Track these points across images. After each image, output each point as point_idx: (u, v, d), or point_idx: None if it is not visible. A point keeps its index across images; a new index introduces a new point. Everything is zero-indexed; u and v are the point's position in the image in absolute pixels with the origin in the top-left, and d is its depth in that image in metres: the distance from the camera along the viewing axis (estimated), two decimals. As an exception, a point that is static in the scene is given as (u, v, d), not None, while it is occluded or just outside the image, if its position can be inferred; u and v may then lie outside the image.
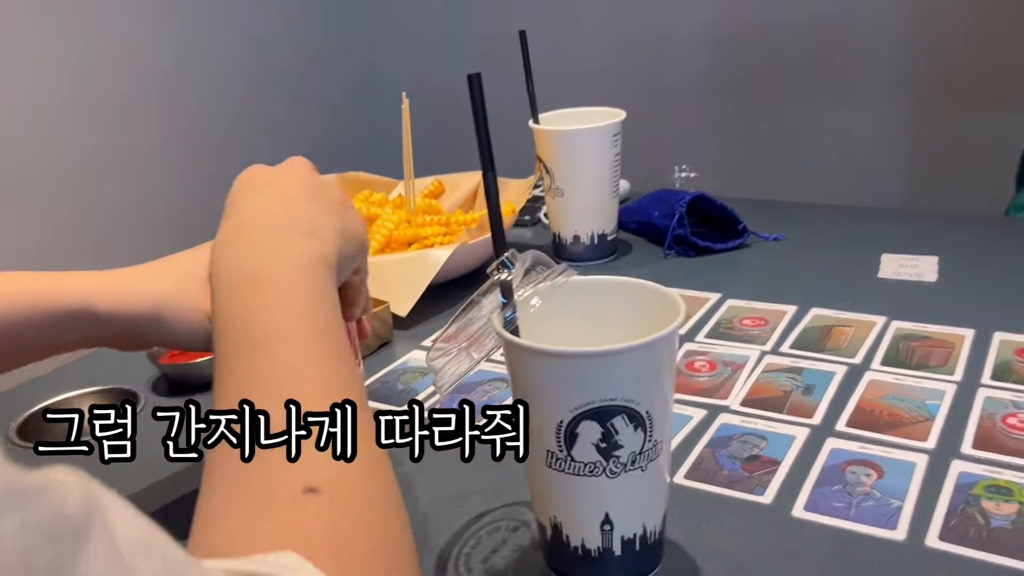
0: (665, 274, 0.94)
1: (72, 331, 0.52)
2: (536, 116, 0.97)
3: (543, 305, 0.50)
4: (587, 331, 0.52)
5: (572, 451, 0.46)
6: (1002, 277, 0.86)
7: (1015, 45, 1.96)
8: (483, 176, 0.48)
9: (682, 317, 0.46)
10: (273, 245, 0.46)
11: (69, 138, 2.21)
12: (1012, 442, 0.60)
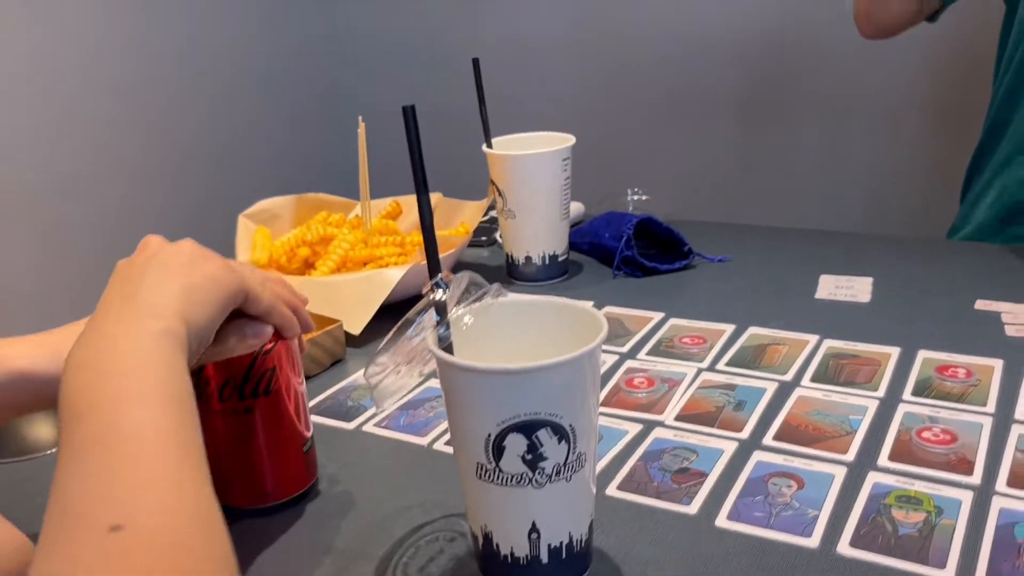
0: (613, 294, 0.97)
1: (15, 397, 0.54)
2: (489, 140, 1.00)
3: (477, 323, 0.53)
4: (519, 348, 0.55)
5: (500, 463, 0.49)
6: (932, 298, 0.90)
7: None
8: (418, 200, 0.51)
9: (603, 335, 0.49)
10: (115, 333, 0.46)
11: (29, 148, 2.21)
12: (926, 454, 0.64)
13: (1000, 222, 1.13)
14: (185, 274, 0.50)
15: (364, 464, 0.69)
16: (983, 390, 0.72)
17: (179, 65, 2.51)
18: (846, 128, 2.30)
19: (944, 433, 0.66)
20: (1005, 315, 0.85)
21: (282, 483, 0.62)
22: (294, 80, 2.87)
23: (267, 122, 2.78)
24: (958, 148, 1.28)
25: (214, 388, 0.57)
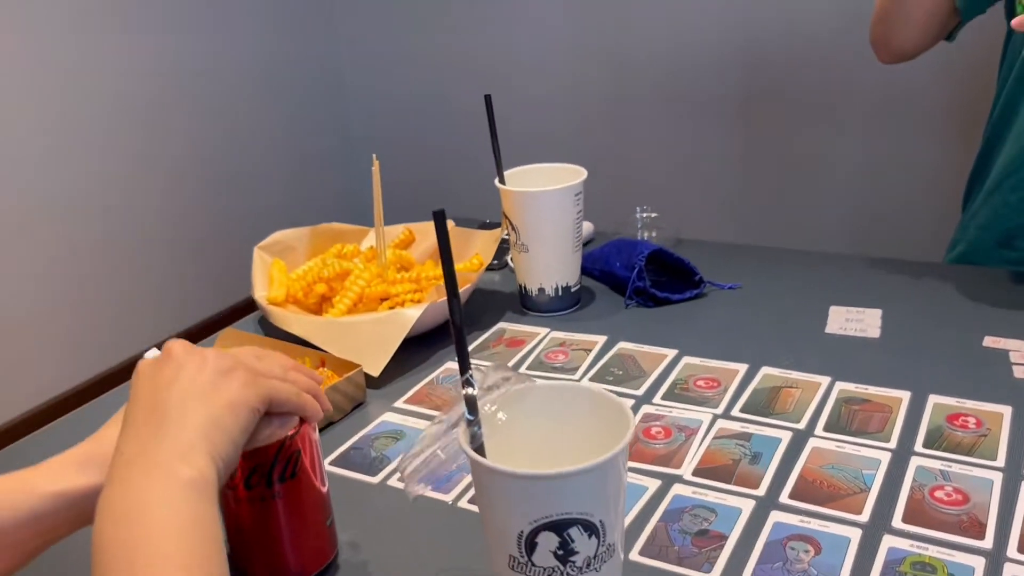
0: (625, 326, 0.98)
1: (55, 522, 0.55)
2: (502, 175, 1.01)
3: (509, 414, 0.55)
4: (546, 433, 0.56)
5: (532, 557, 0.51)
6: (941, 333, 0.91)
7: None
8: (449, 304, 0.52)
9: (631, 432, 0.51)
10: (145, 482, 0.48)
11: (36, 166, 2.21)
12: (939, 515, 0.65)
13: (995, 244, 1.13)
14: (210, 400, 0.52)
15: (388, 524, 0.70)
16: (993, 441, 0.73)
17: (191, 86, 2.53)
18: (854, 135, 2.32)
19: (956, 492, 0.68)
20: (1013, 354, 0.86)
21: (306, 561, 0.63)
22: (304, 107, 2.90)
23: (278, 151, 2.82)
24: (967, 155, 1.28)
25: (240, 478, 0.59)
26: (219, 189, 2.65)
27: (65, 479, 0.55)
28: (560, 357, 0.93)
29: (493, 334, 1.00)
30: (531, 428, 0.56)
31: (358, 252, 1.07)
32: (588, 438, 0.55)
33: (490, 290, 1.11)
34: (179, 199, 2.54)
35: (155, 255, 2.49)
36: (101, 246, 2.34)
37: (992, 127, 1.18)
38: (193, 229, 2.59)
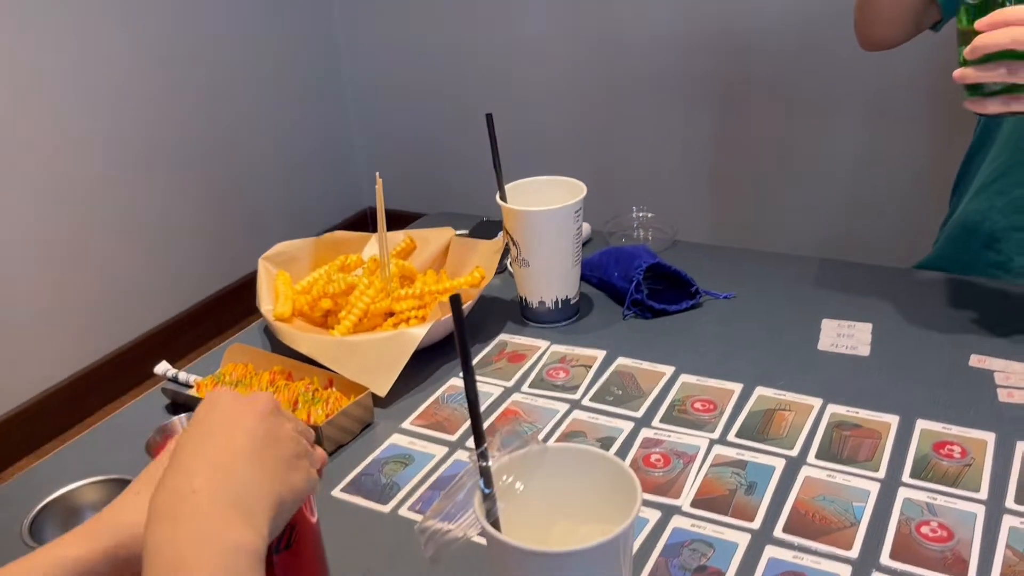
0: (623, 340, 1.01)
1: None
2: (503, 191, 1.02)
3: (518, 471, 0.58)
4: (557, 495, 0.59)
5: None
6: (929, 350, 0.95)
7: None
8: (464, 379, 0.55)
9: (638, 507, 0.54)
10: (200, 528, 0.49)
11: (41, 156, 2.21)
12: (925, 552, 0.69)
13: (979, 246, 1.16)
14: (285, 477, 0.54)
15: (400, 555, 0.74)
16: (976, 471, 0.77)
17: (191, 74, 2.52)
18: (852, 132, 2.33)
19: (941, 528, 0.71)
20: (998, 375, 0.89)
21: None
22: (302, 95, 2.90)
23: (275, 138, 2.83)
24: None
25: None
26: (218, 175, 2.66)
27: (74, 546, 0.56)
28: (561, 375, 0.96)
29: (495, 347, 1.03)
30: (545, 489, 0.59)
31: (361, 263, 1.09)
32: (599, 497, 0.58)
33: (491, 297, 1.13)
34: (179, 186, 2.54)
35: (154, 241, 2.50)
36: (101, 231, 2.35)
37: (981, 129, 1.20)
38: (192, 215, 2.59)
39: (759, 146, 2.45)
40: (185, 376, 0.98)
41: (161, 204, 2.48)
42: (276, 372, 0.95)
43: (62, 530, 0.83)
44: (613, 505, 0.55)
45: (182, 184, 2.53)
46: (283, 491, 0.53)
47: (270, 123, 2.78)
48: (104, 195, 2.34)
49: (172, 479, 0.52)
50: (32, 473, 0.90)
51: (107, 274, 2.36)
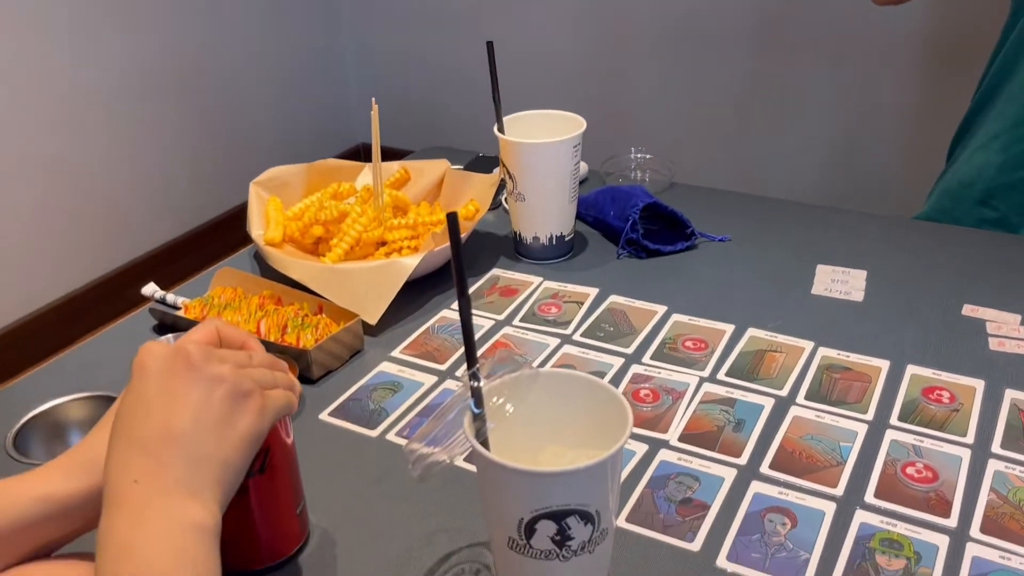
0: (617, 278, 1.00)
1: (45, 527, 0.55)
2: (501, 124, 1.01)
3: (510, 395, 0.57)
4: (548, 418, 0.59)
5: (530, 541, 0.54)
6: (922, 298, 0.94)
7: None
8: (459, 302, 0.54)
9: (628, 432, 0.53)
10: (146, 515, 0.49)
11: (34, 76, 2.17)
12: (909, 491, 0.70)
13: (975, 202, 1.15)
14: (226, 437, 0.53)
15: (387, 479, 0.74)
16: (964, 416, 0.77)
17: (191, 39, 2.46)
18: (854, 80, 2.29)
19: (926, 469, 0.71)
20: (990, 324, 0.89)
21: (275, 549, 0.64)
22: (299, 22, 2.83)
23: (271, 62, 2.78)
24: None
25: None
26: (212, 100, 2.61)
27: (51, 484, 0.55)
28: (553, 310, 0.95)
29: (487, 281, 1.02)
30: (535, 413, 0.58)
31: (354, 191, 1.07)
32: (589, 423, 0.57)
33: (484, 232, 1.12)
34: (174, 110, 2.51)
35: (149, 163, 2.47)
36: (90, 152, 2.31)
37: (987, 85, 1.19)
38: (186, 144, 2.56)
39: (761, 92, 2.42)
40: (173, 298, 0.97)
41: (153, 129, 2.45)
42: (265, 297, 0.94)
43: (45, 444, 0.83)
44: (603, 432, 0.55)
45: (175, 112, 2.50)
46: (228, 451, 0.53)
47: (266, 54, 2.74)
48: (95, 117, 2.30)
49: (112, 471, 0.51)
50: (17, 388, 0.89)
51: (95, 197, 2.34)
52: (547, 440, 0.60)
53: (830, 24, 2.27)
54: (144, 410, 0.53)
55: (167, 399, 0.52)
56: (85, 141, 2.29)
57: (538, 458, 0.59)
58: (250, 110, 2.72)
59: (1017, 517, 0.67)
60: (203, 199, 2.61)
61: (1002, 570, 0.62)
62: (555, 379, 0.60)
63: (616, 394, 0.57)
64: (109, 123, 2.34)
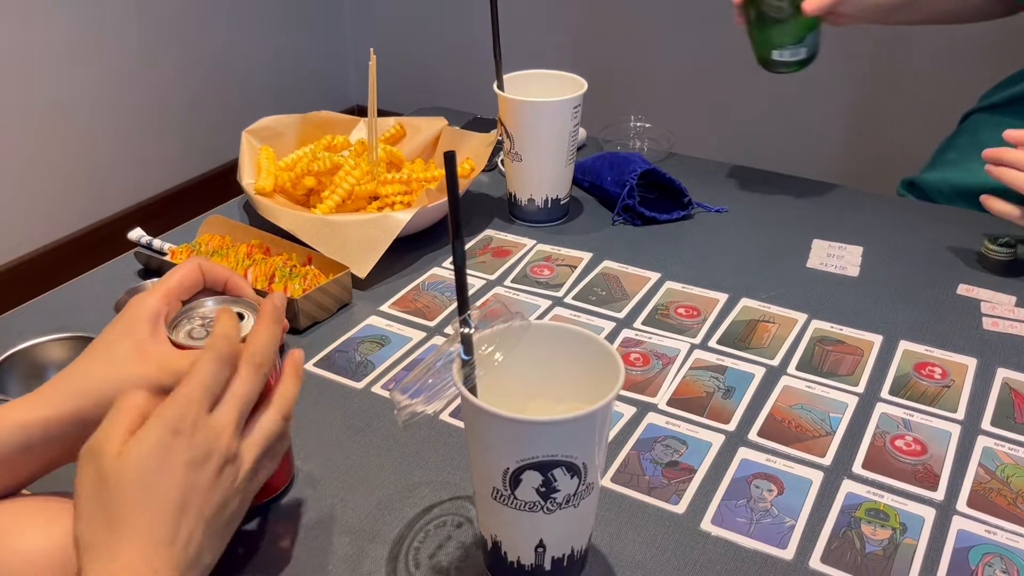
0: (611, 244, 0.99)
1: (25, 456, 0.54)
2: (501, 80, 0.99)
3: (500, 347, 0.56)
4: (539, 371, 0.58)
5: (515, 492, 0.53)
6: (918, 276, 0.93)
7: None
8: (452, 248, 0.53)
9: (619, 386, 0.52)
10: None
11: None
12: (897, 464, 0.69)
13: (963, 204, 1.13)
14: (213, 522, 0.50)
15: (372, 431, 0.73)
16: (955, 392, 0.77)
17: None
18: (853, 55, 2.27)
19: (915, 442, 0.71)
20: (984, 304, 0.89)
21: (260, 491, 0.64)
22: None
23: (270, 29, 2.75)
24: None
25: None
26: (207, 60, 2.58)
27: (32, 410, 0.54)
28: (545, 272, 0.94)
29: (479, 242, 1.00)
30: (525, 365, 0.57)
31: (348, 144, 1.06)
32: (579, 378, 0.56)
33: (478, 193, 1.11)
34: (168, 67, 2.48)
35: (142, 117, 2.44)
36: (79, 99, 2.28)
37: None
38: (181, 96, 2.53)
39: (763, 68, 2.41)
40: (160, 244, 0.96)
41: (144, 79, 2.41)
42: (253, 246, 0.92)
43: (24, 383, 0.82)
44: (594, 386, 0.54)
45: (166, 68, 2.47)
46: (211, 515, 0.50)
47: (261, 13, 2.71)
48: (85, 64, 2.27)
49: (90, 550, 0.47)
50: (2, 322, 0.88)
51: (86, 146, 2.32)
52: (536, 393, 0.59)
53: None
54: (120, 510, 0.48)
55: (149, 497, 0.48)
56: (77, 89, 2.26)
57: (526, 409, 0.58)
58: (245, 71, 2.69)
59: (1004, 492, 0.66)
60: (196, 154, 2.59)
61: (987, 543, 0.62)
62: (547, 331, 0.59)
63: (609, 348, 0.56)
64: (103, 69, 2.30)
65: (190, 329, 0.60)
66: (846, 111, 2.36)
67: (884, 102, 2.31)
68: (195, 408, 0.50)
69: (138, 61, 2.39)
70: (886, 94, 2.30)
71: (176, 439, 0.49)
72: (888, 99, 2.30)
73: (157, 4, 2.39)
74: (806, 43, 1.01)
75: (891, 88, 2.28)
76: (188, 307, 0.62)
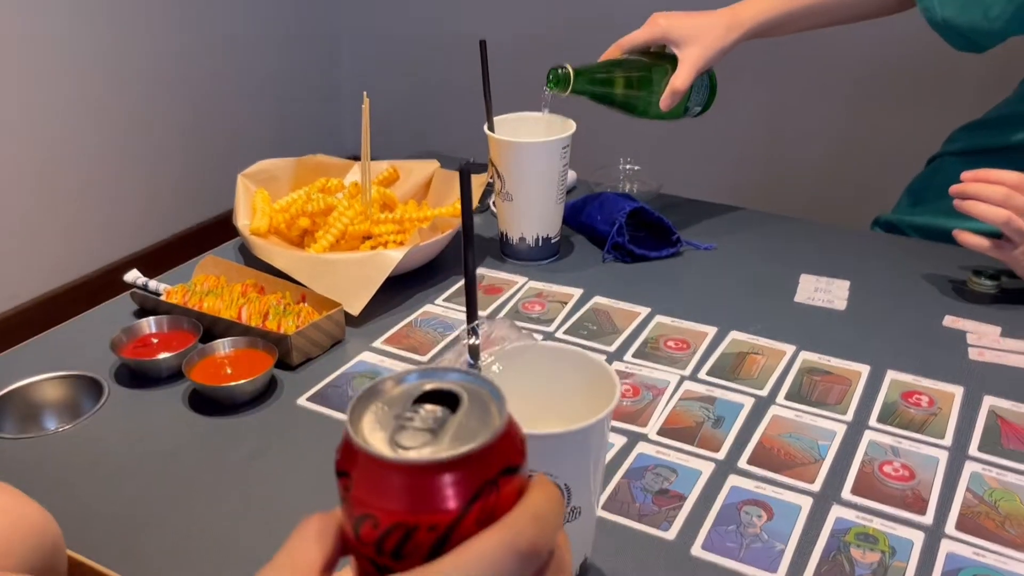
0: (602, 280, 1.01)
1: None
2: (491, 123, 1.01)
3: (504, 367, 0.57)
4: (538, 391, 0.59)
5: None
6: (904, 309, 0.95)
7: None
8: (463, 254, 0.54)
9: (611, 409, 0.53)
10: None
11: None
12: (886, 489, 0.69)
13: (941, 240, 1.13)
14: None
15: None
16: (943, 419, 0.77)
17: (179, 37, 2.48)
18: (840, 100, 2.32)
19: (904, 468, 0.71)
20: (970, 335, 0.90)
21: None
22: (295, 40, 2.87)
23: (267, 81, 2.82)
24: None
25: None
26: (206, 111, 2.63)
27: None
28: (537, 308, 0.95)
29: (472, 279, 1.02)
30: (525, 384, 0.58)
31: (342, 187, 1.07)
32: (579, 403, 0.57)
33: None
34: (168, 117, 2.52)
35: (142, 168, 2.48)
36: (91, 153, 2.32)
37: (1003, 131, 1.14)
38: (181, 147, 2.57)
39: (750, 111, 2.45)
40: (155, 285, 0.97)
41: (143, 130, 2.45)
42: (248, 285, 0.93)
43: (20, 421, 0.82)
44: (591, 408, 0.54)
45: (164, 124, 2.51)
46: None
47: (260, 63, 2.76)
48: (85, 120, 2.31)
49: None
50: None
51: (83, 197, 2.35)
52: (534, 410, 0.59)
53: (821, 49, 2.29)
54: None
55: None
56: (76, 146, 2.29)
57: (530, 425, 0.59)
58: (242, 124, 2.73)
59: (993, 516, 0.67)
60: (192, 204, 2.62)
61: (976, 565, 0.62)
62: (550, 352, 0.60)
63: (609, 371, 0.56)
64: (98, 126, 2.34)
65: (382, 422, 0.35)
66: (823, 153, 2.40)
67: (856, 145, 2.35)
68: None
69: (137, 115, 2.43)
70: (858, 138, 2.35)
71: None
72: (860, 142, 2.35)
73: (157, 61, 2.44)
74: (691, 104, 1.11)
75: (866, 130, 2.33)
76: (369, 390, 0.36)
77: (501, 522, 0.32)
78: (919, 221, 1.18)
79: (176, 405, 0.80)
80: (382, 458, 0.31)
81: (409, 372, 0.35)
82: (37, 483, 0.69)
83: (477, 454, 0.31)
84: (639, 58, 1.06)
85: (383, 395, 0.35)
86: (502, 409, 0.33)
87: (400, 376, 0.35)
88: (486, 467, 0.32)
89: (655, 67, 1.05)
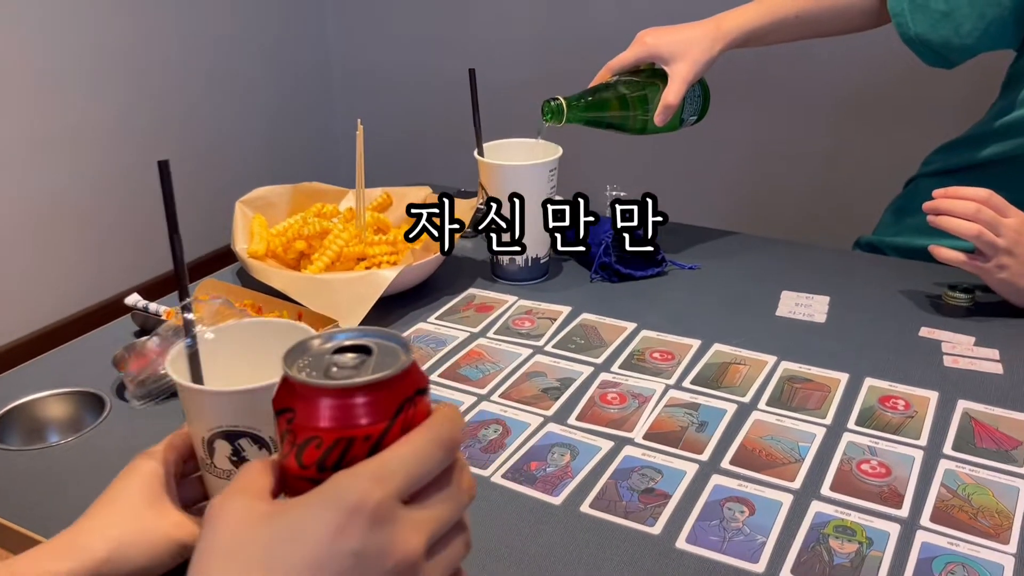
0: (589, 299, 1.04)
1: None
2: (481, 148, 1.05)
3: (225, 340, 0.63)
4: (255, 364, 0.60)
5: (214, 460, 0.58)
6: (882, 321, 0.98)
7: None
8: (170, 239, 0.61)
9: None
10: None
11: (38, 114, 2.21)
12: (863, 486, 0.72)
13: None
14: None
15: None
16: (918, 422, 0.80)
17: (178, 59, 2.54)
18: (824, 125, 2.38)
19: (880, 466, 0.74)
20: (945, 344, 0.93)
21: None
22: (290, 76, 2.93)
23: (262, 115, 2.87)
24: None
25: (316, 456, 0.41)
26: (202, 146, 2.68)
27: (41, 565, 0.54)
28: (527, 324, 0.98)
29: (463, 299, 1.05)
30: (244, 359, 0.62)
31: (337, 212, 1.11)
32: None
33: (462, 256, 1.16)
34: (166, 152, 2.56)
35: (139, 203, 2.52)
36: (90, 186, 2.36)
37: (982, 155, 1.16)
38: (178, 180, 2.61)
39: (734, 136, 2.50)
40: (155, 307, 1.00)
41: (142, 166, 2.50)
42: (246, 305, 0.96)
43: (24, 436, 0.84)
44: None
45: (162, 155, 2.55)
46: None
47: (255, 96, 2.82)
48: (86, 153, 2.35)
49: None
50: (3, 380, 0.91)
51: (86, 230, 2.39)
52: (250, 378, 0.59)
53: (804, 75, 2.35)
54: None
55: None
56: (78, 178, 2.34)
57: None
58: (238, 156, 2.77)
59: (966, 509, 0.69)
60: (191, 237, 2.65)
61: (950, 554, 0.65)
62: (258, 327, 0.65)
63: (308, 332, 0.59)
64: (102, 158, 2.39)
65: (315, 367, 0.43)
66: (805, 177, 2.46)
67: (839, 169, 2.41)
68: (394, 489, 0.39)
69: (136, 150, 2.47)
70: (841, 162, 2.40)
71: (354, 518, 0.37)
72: (843, 166, 2.40)
73: (155, 94, 2.49)
74: (685, 116, 1.14)
75: (848, 154, 2.38)
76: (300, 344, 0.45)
77: (423, 424, 0.41)
78: (899, 241, 1.22)
79: (176, 419, 0.82)
80: (324, 386, 0.40)
81: (328, 333, 0.44)
82: (40, 492, 0.71)
83: (398, 376, 0.40)
84: (630, 78, 1.10)
85: (310, 349, 0.43)
86: (408, 351, 0.42)
87: (320, 335, 0.44)
88: (405, 387, 0.41)
89: (647, 85, 1.08)
